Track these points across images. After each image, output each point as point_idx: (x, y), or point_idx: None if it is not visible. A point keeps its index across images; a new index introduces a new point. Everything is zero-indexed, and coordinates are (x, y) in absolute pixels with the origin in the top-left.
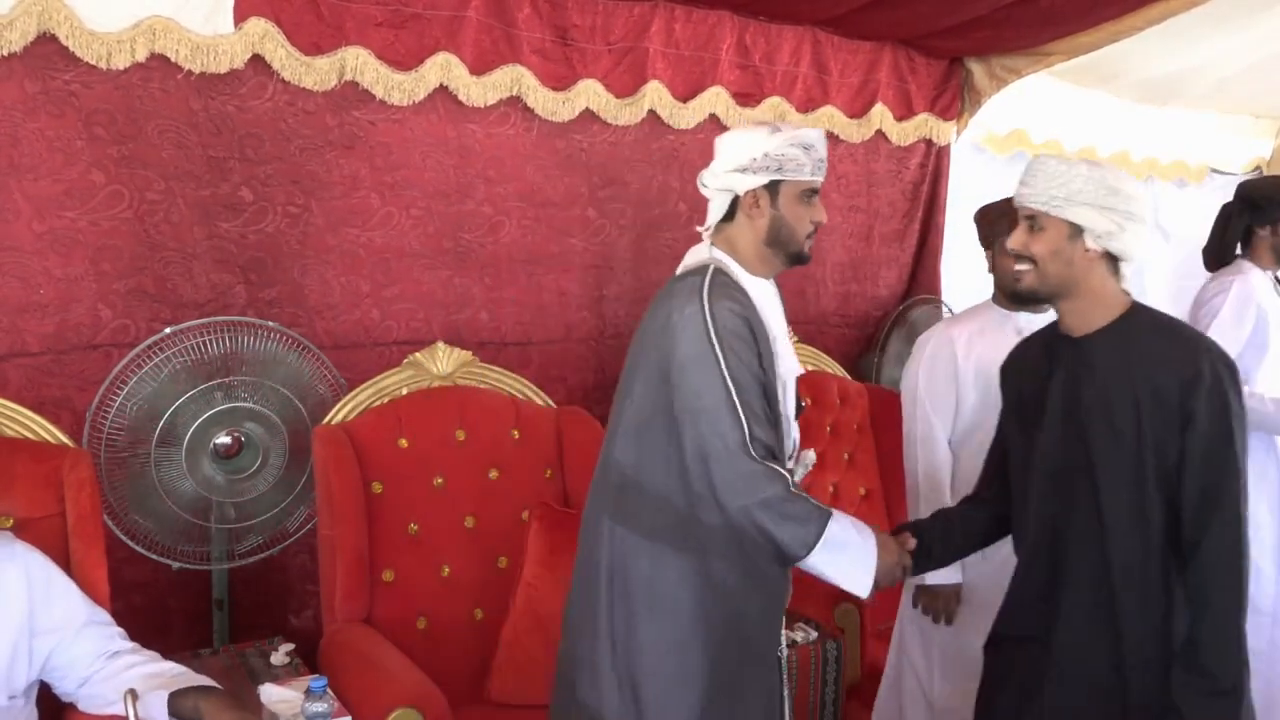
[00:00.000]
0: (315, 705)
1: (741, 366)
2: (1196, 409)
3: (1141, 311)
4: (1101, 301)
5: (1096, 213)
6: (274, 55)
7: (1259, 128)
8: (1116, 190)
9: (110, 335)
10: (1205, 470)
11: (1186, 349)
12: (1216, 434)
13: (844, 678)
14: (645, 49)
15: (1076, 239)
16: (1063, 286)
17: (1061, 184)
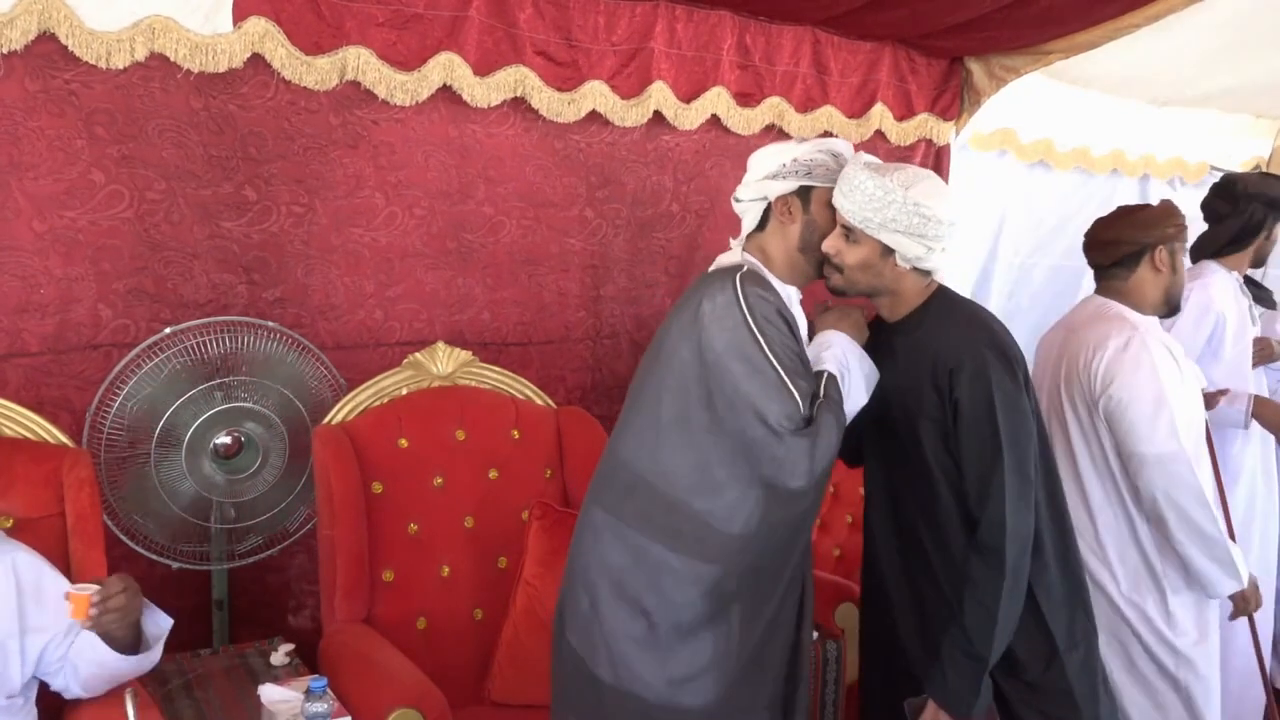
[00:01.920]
0: (315, 705)
1: (784, 346)
2: (960, 397)
3: (943, 297)
4: (908, 297)
5: (908, 239)
6: (274, 54)
7: (1259, 127)
8: (929, 219)
9: (110, 335)
10: (974, 461)
11: (961, 336)
12: (978, 423)
13: (844, 678)
14: (651, 50)
15: (888, 256)
16: (870, 290)
17: (876, 209)
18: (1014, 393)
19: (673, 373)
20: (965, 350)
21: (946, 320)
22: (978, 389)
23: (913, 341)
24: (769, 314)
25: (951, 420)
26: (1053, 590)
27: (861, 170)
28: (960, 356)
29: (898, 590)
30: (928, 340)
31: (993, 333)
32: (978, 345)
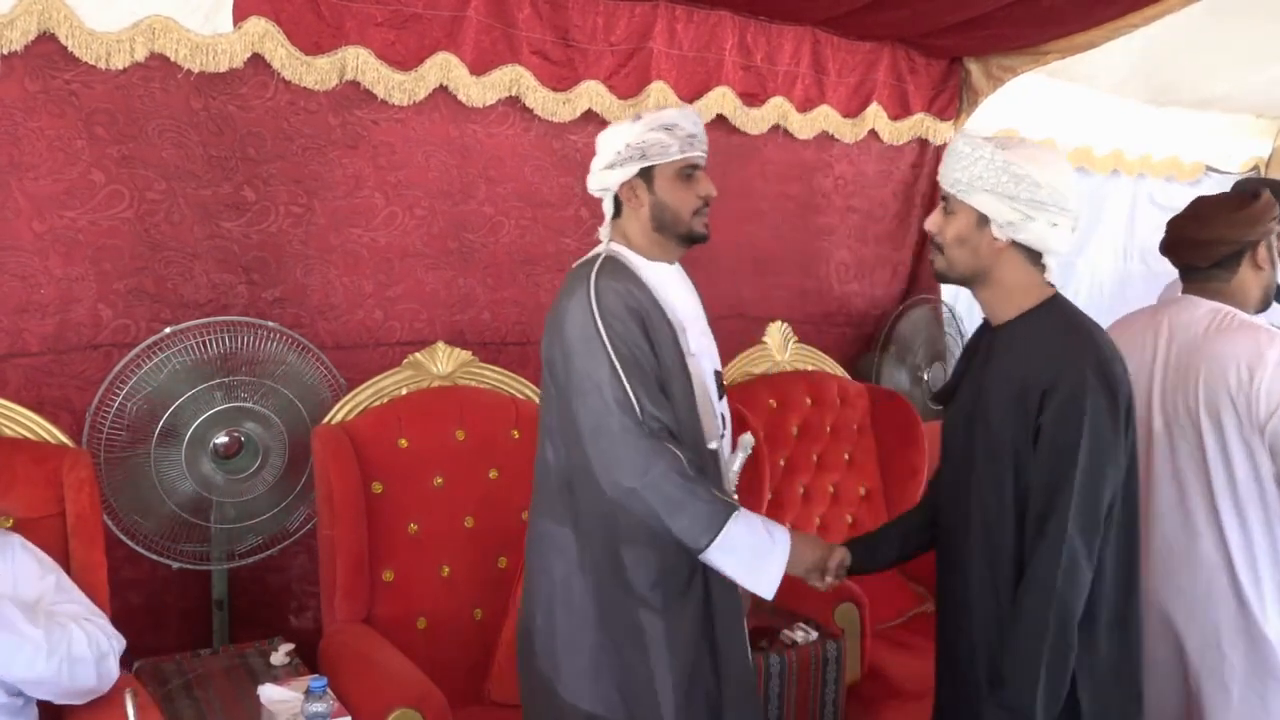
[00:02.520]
0: (315, 705)
1: (627, 345)
2: (1045, 423)
3: (1053, 308)
4: (1012, 293)
5: (998, 201)
6: (274, 55)
7: (1259, 127)
8: (1023, 178)
9: (110, 335)
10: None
11: (1064, 353)
12: (1056, 455)
13: (844, 678)
14: (650, 50)
15: (984, 227)
16: (972, 274)
17: (964, 167)
18: (1109, 429)
19: (553, 377)
20: (1064, 370)
21: (1052, 332)
22: (1067, 416)
23: (1011, 350)
24: (617, 310)
25: (1030, 446)
26: (1097, 669)
27: (959, 138)
28: (1057, 376)
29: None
30: (1027, 351)
31: (1101, 355)
32: (1080, 366)
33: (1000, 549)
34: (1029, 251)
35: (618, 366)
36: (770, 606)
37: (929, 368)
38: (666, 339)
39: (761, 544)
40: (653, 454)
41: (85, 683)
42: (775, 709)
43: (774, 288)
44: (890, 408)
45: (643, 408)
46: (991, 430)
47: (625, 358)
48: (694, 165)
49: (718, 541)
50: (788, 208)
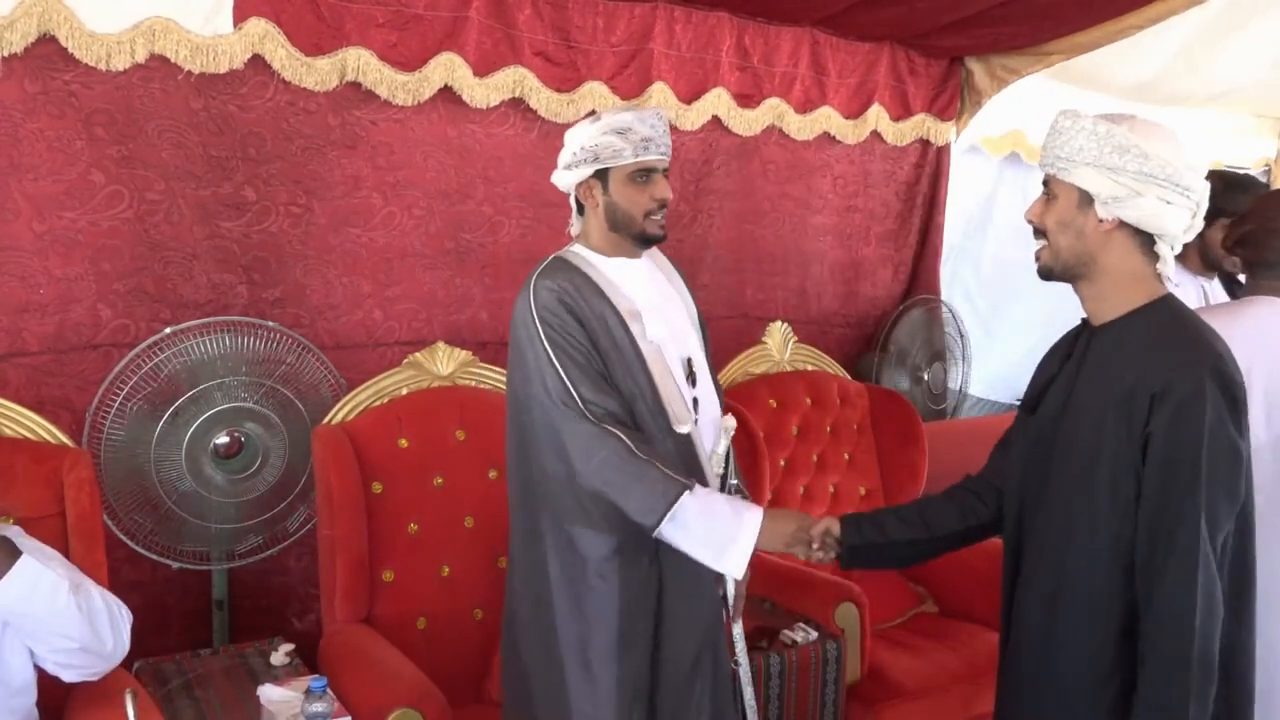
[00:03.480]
0: (315, 705)
1: (562, 336)
2: (1155, 430)
3: (1166, 307)
4: (1120, 286)
5: (1100, 174)
6: (274, 55)
7: (1261, 127)
8: (1128, 148)
9: (110, 335)
10: (1160, 505)
11: (1176, 357)
12: (1173, 466)
13: (844, 678)
14: (651, 51)
15: (1087, 207)
16: (1077, 263)
17: (1064, 142)
18: (1232, 438)
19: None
20: (1180, 372)
21: (1163, 333)
22: (1184, 422)
23: (1114, 351)
24: (551, 305)
25: (1140, 457)
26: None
27: (1061, 114)
28: (1170, 379)
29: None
30: (1134, 353)
31: (1220, 359)
32: (1198, 369)
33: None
34: (1140, 236)
35: (554, 359)
36: (770, 606)
37: (929, 368)
38: (610, 328)
39: (724, 521)
40: (596, 439)
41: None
42: (775, 709)
43: (774, 288)
44: (890, 408)
45: (582, 396)
46: (1085, 441)
47: (560, 349)
48: (649, 169)
49: (670, 518)
50: (788, 208)
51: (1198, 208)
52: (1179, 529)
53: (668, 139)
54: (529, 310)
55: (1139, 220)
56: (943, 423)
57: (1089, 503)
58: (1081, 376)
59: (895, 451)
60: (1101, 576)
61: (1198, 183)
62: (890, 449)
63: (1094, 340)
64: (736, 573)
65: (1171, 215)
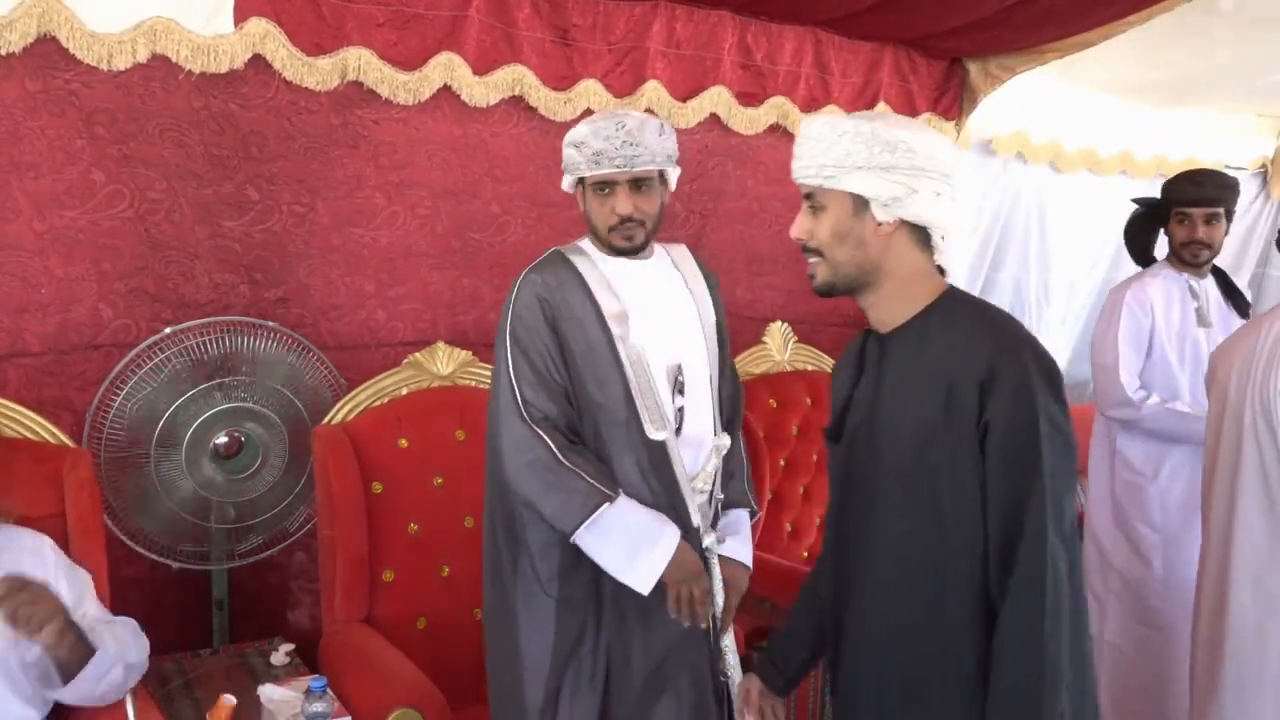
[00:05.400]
0: (315, 705)
1: (526, 331)
2: (993, 419)
3: (954, 300)
4: (908, 287)
5: (874, 176)
6: (275, 55)
7: (1261, 126)
8: (895, 144)
9: (112, 335)
10: (1006, 491)
11: (992, 342)
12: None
13: None
14: (646, 49)
15: (863, 213)
16: (861, 274)
17: (825, 148)
18: (1061, 420)
19: None
20: (1002, 358)
21: (966, 324)
22: (1020, 408)
23: (917, 354)
24: (526, 298)
25: (979, 452)
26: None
27: (811, 121)
28: (993, 366)
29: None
30: (940, 350)
31: (1031, 340)
32: (1017, 354)
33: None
34: (918, 232)
35: (509, 354)
36: (770, 606)
37: None
38: (586, 329)
39: (643, 537)
40: (525, 440)
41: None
42: None
43: (776, 288)
44: None
45: (523, 395)
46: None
47: (518, 345)
48: (608, 181)
49: (588, 526)
50: (776, 208)
51: (955, 195)
52: (1026, 520)
53: (633, 149)
54: (509, 302)
55: (918, 216)
56: None
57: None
58: (884, 390)
59: None
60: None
61: (956, 169)
62: None
63: (888, 348)
64: (644, 589)
65: (944, 206)
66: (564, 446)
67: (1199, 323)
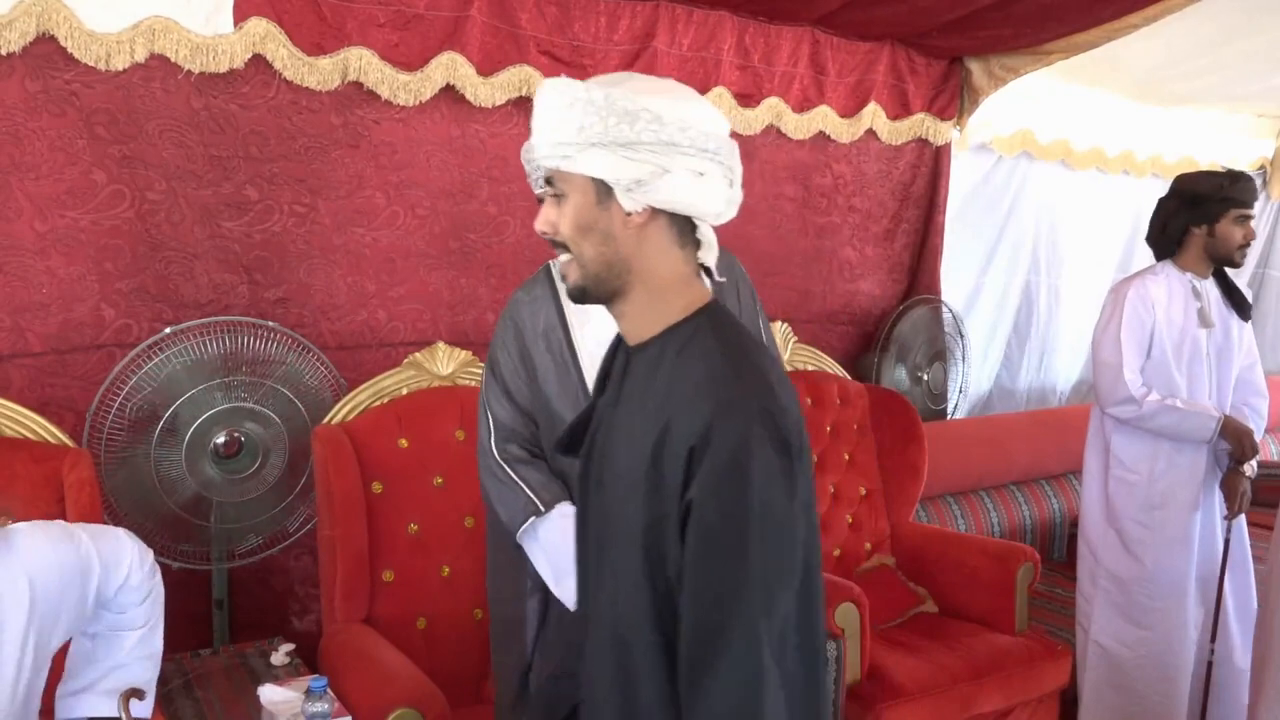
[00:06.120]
0: (315, 705)
1: (498, 351)
2: (697, 496)
3: (707, 321)
4: (662, 293)
5: (613, 154)
6: (275, 55)
7: (1261, 126)
8: (637, 113)
9: (113, 335)
10: (705, 598)
11: (716, 399)
12: (720, 542)
13: (844, 678)
14: (654, 50)
15: (607, 201)
16: (612, 275)
17: (559, 122)
18: (782, 505)
19: None
20: (721, 422)
21: (700, 361)
22: (729, 490)
23: (646, 385)
24: (509, 314)
25: (679, 533)
26: None
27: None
28: (710, 430)
29: None
30: (664, 388)
31: (769, 394)
32: (743, 417)
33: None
34: (677, 224)
35: (487, 367)
36: None
37: (929, 368)
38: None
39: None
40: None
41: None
42: None
43: (775, 288)
44: (890, 408)
45: (490, 408)
46: (617, 512)
47: (493, 360)
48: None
49: (522, 535)
50: (787, 208)
51: (734, 173)
52: (730, 626)
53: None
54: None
55: (673, 203)
56: (943, 423)
57: (630, 591)
58: (616, 419)
59: (895, 451)
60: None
61: (725, 143)
62: (890, 449)
63: (631, 365)
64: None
65: (709, 188)
66: (514, 459)
67: (1201, 323)
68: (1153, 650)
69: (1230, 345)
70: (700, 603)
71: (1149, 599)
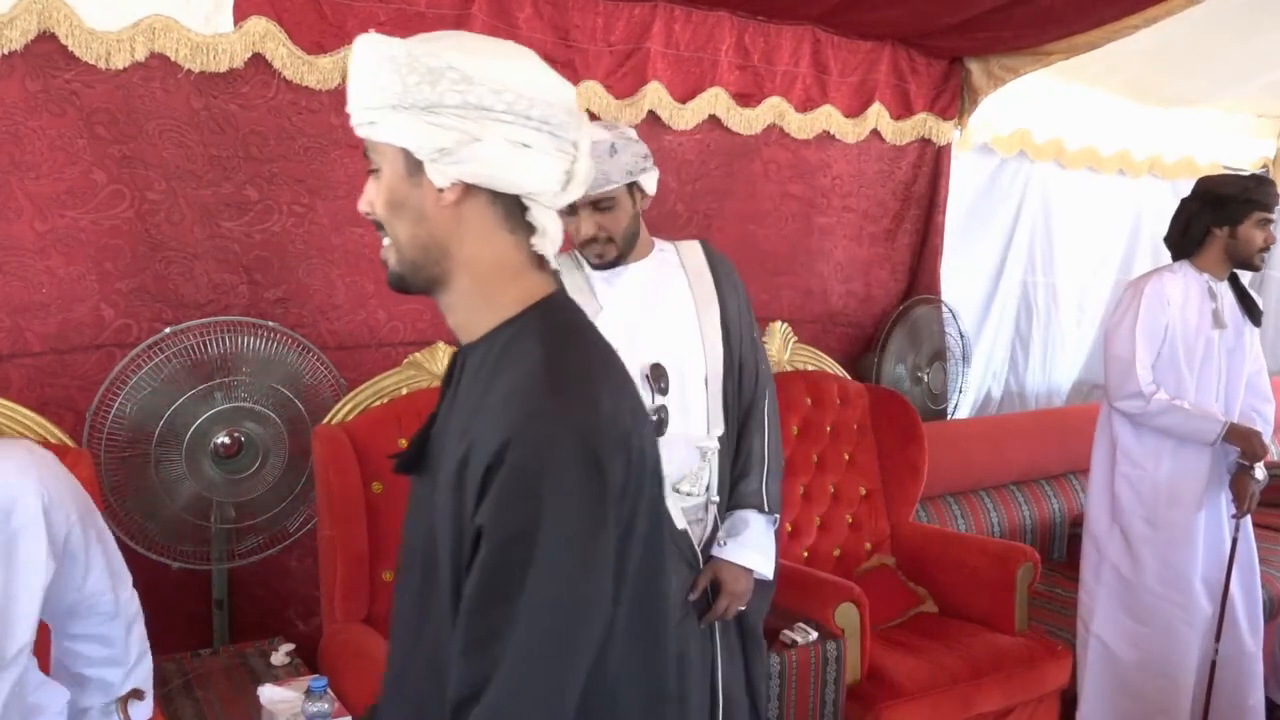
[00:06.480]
0: (315, 705)
1: None
2: (487, 516)
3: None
4: (488, 286)
5: (416, 119)
6: (275, 54)
7: (1261, 126)
8: (439, 73)
9: (113, 335)
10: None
11: (525, 410)
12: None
13: (844, 678)
14: (647, 50)
15: (418, 175)
16: (429, 261)
17: (367, 83)
18: (584, 533)
19: None
20: (524, 435)
21: (520, 364)
22: (516, 514)
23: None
24: None
25: (469, 551)
26: None
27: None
28: (507, 446)
29: None
30: (480, 393)
31: (591, 405)
32: (546, 425)
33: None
34: (503, 203)
35: None
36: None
37: (929, 368)
38: None
39: None
40: None
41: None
42: (775, 709)
43: (776, 288)
44: (890, 408)
45: None
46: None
47: None
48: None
49: None
50: (789, 208)
51: (576, 149)
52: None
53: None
54: None
55: (490, 178)
56: (943, 423)
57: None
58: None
59: (895, 451)
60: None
61: (565, 114)
62: (890, 449)
63: (465, 369)
64: None
65: (535, 162)
66: None
67: (1215, 324)
68: (1153, 647)
69: (1241, 348)
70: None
71: (1151, 596)
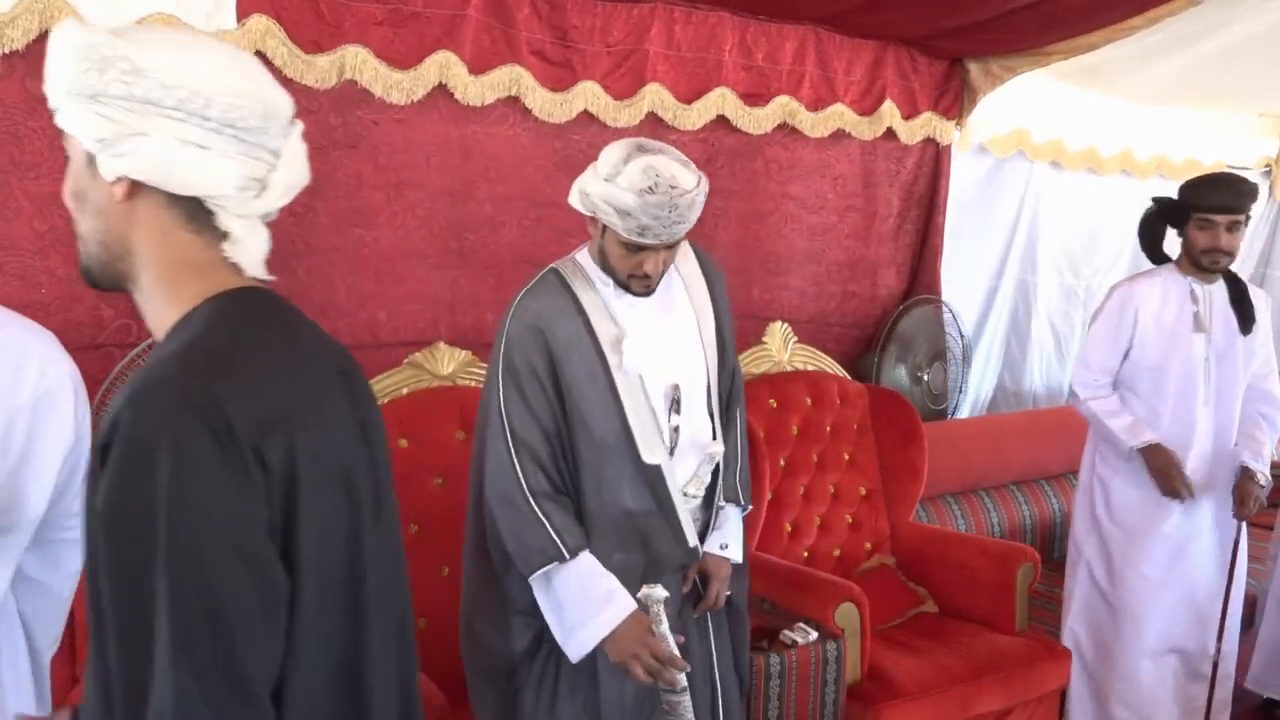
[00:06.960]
0: None
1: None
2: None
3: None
4: (170, 286)
5: (84, 109)
6: (275, 52)
7: (1262, 126)
8: (109, 61)
9: (113, 335)
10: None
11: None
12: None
13: (844, 678)
14: (646, 51)
15: (94, 167)
16: (112, 257)
17: (52, 71)
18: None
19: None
20: (131, 409)
21: (170, 341)
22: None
23: None
24: (521, 329)
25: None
26: None
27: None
28: (115, 424)
29: None
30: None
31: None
32: (165, 391)
33: None
34: (184, 205)
35: (500, 381)
36: (770, 606)
37: (929, 368)
38: (583, 357)
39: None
40: (506, 471)
41: None
42: (775, 709)
43: (777, 287)
44: (890, 408)
45: (510, 426)
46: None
47: (513, 374)
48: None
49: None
50: (790, 208)
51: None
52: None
53: (680, 225)
54: (504, 327)
55: (156, 176)
56: (943, 423)
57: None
58: None
59: (895, 451)
60: None
61: (259, 119)
62: (890, 449)
63: None
64: (574, 656)
65: (211, 165)
66: (538, 491)
67: (1195, 327)
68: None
69: (1234, 353)
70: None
71: (1118, 596)
